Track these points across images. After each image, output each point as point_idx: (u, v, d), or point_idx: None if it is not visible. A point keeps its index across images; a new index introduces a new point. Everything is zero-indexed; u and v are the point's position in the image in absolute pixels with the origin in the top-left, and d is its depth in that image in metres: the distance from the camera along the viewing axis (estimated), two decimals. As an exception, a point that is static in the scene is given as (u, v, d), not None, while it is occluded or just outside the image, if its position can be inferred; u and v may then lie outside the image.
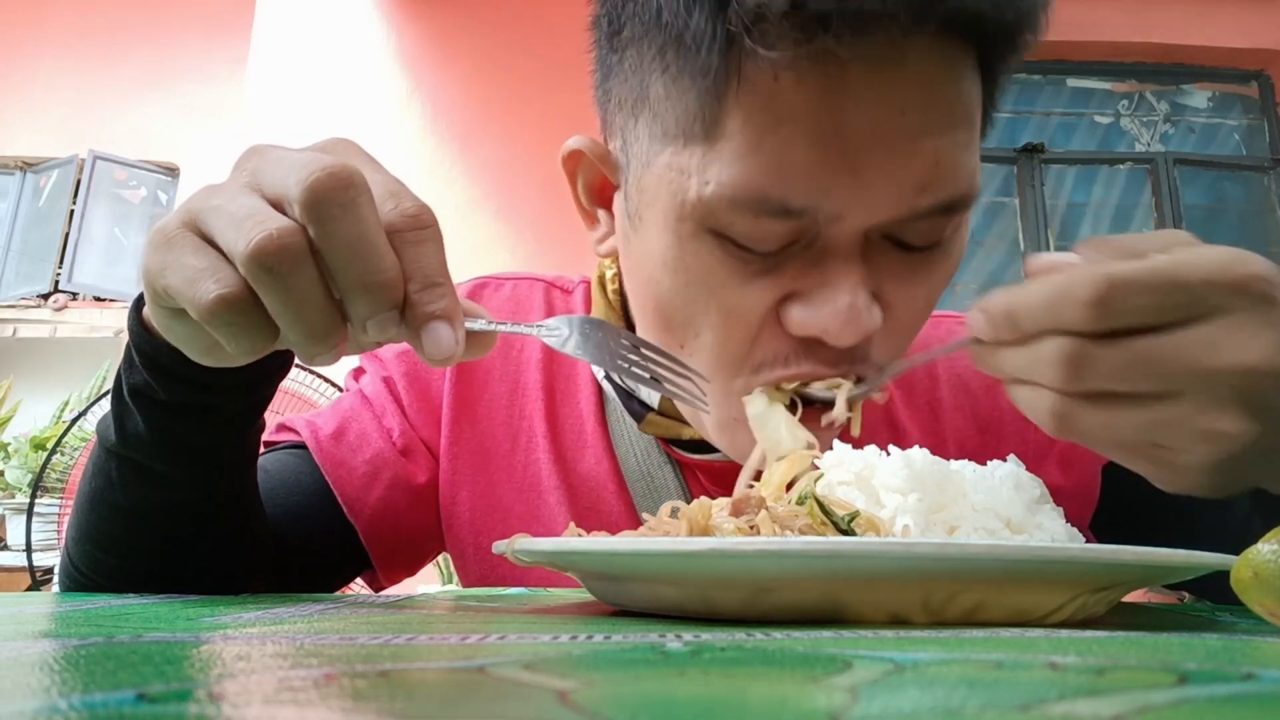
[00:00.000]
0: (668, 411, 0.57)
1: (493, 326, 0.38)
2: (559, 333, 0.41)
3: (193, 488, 0.46)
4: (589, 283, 0.66)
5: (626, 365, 0.42)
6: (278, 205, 0.33)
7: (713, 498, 0.57)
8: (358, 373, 0.66)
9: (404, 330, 0.35)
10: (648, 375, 0.42)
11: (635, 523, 0.59)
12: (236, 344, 0.34)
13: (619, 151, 0.51)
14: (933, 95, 0.42)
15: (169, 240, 0.34)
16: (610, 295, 0.61)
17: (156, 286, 0.35)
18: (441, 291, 0.34)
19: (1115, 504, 0.60)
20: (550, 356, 0.63)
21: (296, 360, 0.43)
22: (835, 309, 0.44)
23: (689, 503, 0.58)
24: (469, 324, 0.37)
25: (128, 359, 0.44)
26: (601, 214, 0.56)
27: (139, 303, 0.42)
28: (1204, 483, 0.37)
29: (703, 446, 0.57)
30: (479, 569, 0.62)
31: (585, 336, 0.41)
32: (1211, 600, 0.58)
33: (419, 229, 0.34)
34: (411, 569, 0.64)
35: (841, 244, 0.44)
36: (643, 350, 0.42)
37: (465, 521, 0.61)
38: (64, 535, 0.52)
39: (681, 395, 0.44)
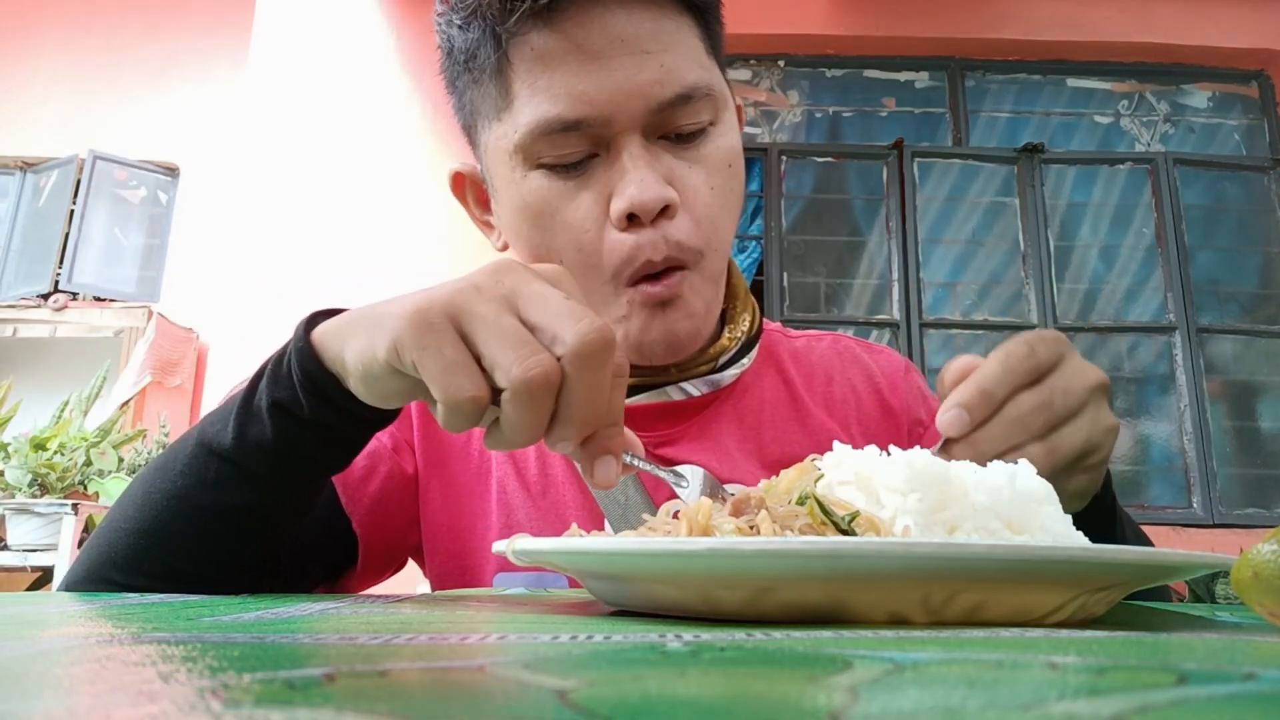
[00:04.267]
0: None
1: (639, 465, 0.44)
2: (685, 486, 0.47)
3: (280, 493, 0.50)
4: None
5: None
6: (533, 333, 0.39)
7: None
8: None
9: (579, 452, 0.41)
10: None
11: (579, 478, 0.67)
12: (454, 424, 0.40)
13: (480, 159, 0.68)
14: (645, 28, 0.59)
15: (431, 325, 0.39)
16: None
17: (404, 357, 0.40)
18: (619, 431, 0.42)
19: None
20: None
21: None
22: (636, 187, 0.58)
23: None
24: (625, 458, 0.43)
25: (274, 376, 0.48)
26: (493, 220, 0.70)
27: (308, 326, 0.48)
28: (1095, 481, 0.51)
29: None
30: (450, 546, 0.68)
31: (708, 493, 0.48)
32: None
33: (619, 376, 0.40)
34: (385, 569, 0.69)
35: (626, 147, 0.59)
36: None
37: (437, 508, 0.69)
38: (92, 534, 0.54)
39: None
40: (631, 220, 0.59)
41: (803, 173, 3.71)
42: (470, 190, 0.71)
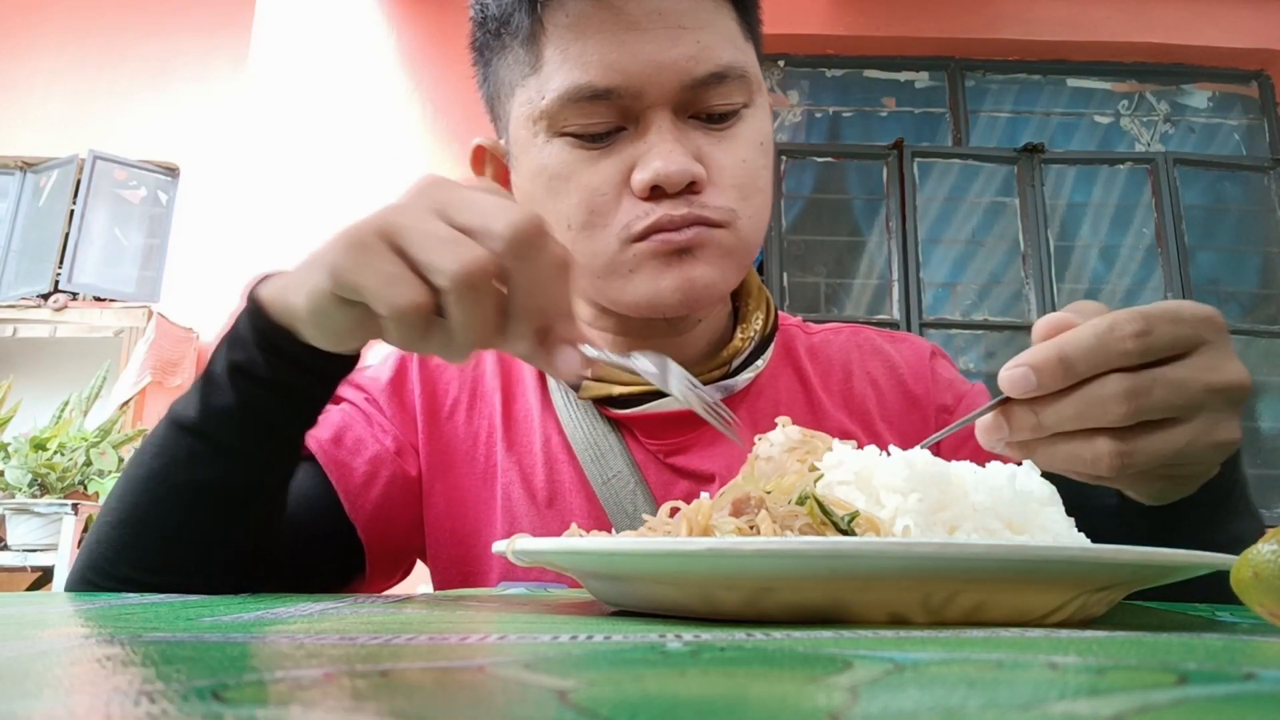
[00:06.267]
0: (597, 375, 0.66)
1: (597, 355, 0.44)
2: (650, 370, 0.47)
3: (252, 464, 0.50)
4: None
5: (695, 397, 0.47)
6: (467, 235, 0.39)
7: (647, 450, 0.67)
8: (337, 398, 0.69)
9: (538, 351, 0.42)
10: (702, 405, 0.48)
11: (587, 487, 0.66)
12: (404, 339, 0.40)
13: (502, 133, 0.68)
14: (683, 4, 0.59)
15: (363, 245, 0.39)
16: None
17: (343, 280, 0.40)
18: (573, 321, 0.42)
19: None
20: (503, 362, 0.72)
21: None
22: (663, 160, 0.57)
23: (630, 459, 0.66)
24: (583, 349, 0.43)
25: (231, 340, 0.48)
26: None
27: (255, 286, 0.48)
28: (1180, 491, 0.44)
29: (629, 401, 0.66)
30: (453, 552, 0.67)
31: (674, 375, 0.47)
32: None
33: (562, 267, 0.41)
34: (393, 573, 0.68)
35: (656, 121, 0.59)
36: (698, 387, 0.48)
37: (441, 512, 0.68)
38: (88, 532, 0.54)
39: (721, 427, 0.50)
40: (654, 192, 0.58)
41: (803, 173, 3.71)
42: (490, 165, 0.71)
